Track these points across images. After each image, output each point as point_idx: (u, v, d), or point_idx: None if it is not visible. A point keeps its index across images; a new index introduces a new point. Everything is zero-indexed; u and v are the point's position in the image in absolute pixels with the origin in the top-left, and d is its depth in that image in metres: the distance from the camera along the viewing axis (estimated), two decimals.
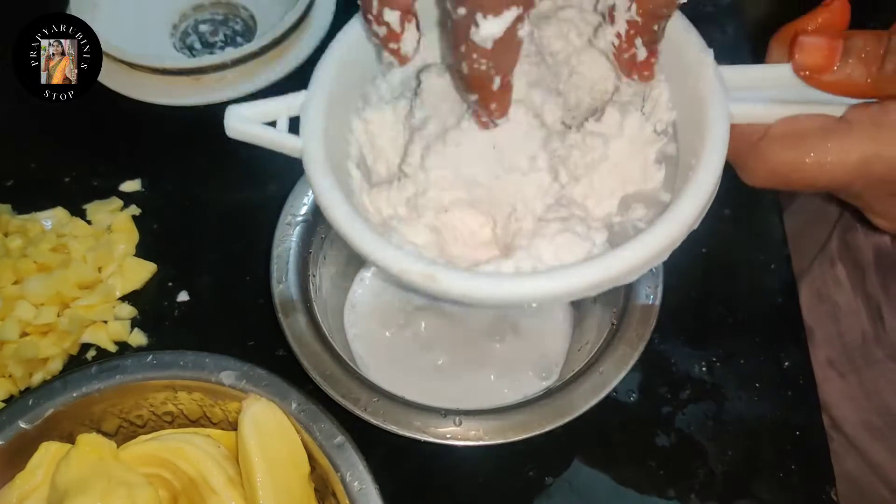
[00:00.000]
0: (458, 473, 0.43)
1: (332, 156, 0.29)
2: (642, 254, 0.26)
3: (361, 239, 0.26)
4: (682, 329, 0.47)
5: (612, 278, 0.26)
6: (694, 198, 0.27)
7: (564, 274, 0.25)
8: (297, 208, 0.43)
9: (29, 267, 0.46)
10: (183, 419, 0.38)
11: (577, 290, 0.25)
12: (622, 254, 0.26)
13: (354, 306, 0.48)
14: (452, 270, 0.26)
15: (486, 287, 0.25)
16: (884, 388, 0.49)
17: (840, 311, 0.52)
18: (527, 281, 0.26)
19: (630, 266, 0.26)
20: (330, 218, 0.27)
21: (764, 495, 0.43)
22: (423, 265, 0.26)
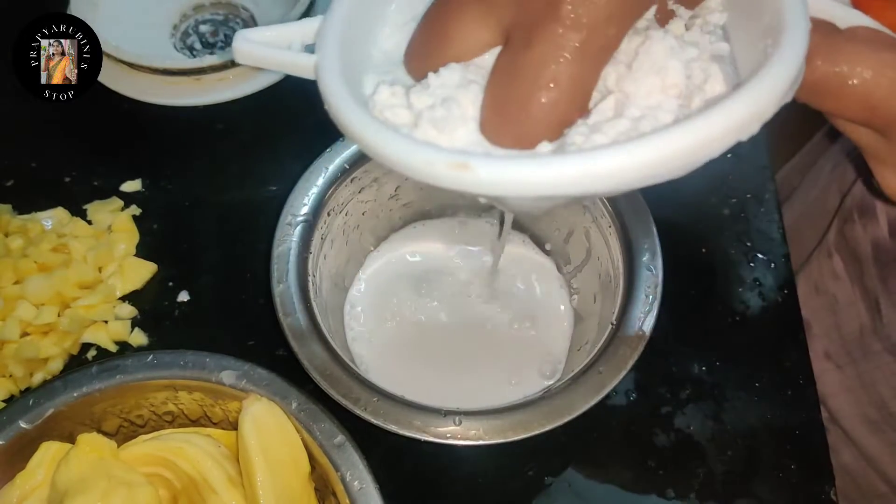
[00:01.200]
0: (458, 473, 0.43)
1: (350, 72, 0.26)
2: (730, 119, 0.21)
3: (377, 136, 0.23)
4: (682, 329, 0.47)
5: (690, 149, 0.21)
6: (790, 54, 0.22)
7: (628, 147, 0.20)
8: (297, 208, 0.43)
9: (29, 267, 0.46)
10: (183, 419, 0.38)
11: (645, 167, 0.20)
12: (706, 119, 0.21)
13: (354, 306, 0.48)
14: (488, 157, 0.22)
15: (534, 172, 0.20)
16: (880, 380, 0.49)
17: (838, 303, 0.52)
18: (582, 159, 0.20)
19: (714, 135, 0.21)
20: (342, 123, 0.24)
21: (764, 495, 0.43)
22: (451, 154, 0.21)
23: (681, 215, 0.51)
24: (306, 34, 0.27)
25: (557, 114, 0.22)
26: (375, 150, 0.23)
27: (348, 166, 0.45)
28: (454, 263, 0.50)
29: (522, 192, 0.21)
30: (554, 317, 0.48)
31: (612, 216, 0.44)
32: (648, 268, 0.42)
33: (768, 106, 0.21)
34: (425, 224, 0.52)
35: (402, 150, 0.22)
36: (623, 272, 0.43)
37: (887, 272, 0.48)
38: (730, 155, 0.54)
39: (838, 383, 0.51)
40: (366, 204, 0.48)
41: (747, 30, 0.25)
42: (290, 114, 0.55)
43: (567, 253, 0.50)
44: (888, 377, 0.48)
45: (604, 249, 0.45)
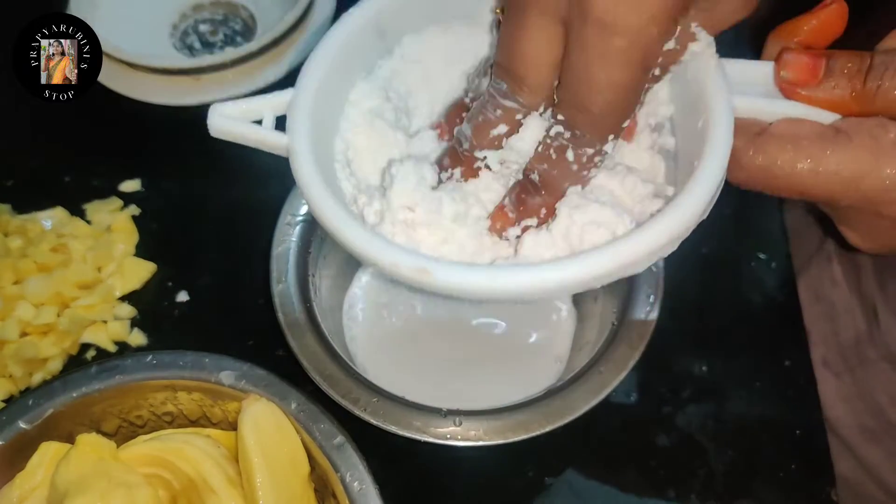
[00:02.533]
0: (458, 473, 0.43)
1: (320, 154, 0.28)
2: (648, 244, 0.25)
3: (350, 235, 0.26)
4: (682, 329, 0.47)
5: (616, 269, 0.25)
6: (704, 185, 0.26)
7: (564, 264, 0.24)
8: (297, 208, 0.43)
9: (29, 267, 0.46)
10: (183, 419, 0.38)
11: (578, 281, 0.24)
12: (627, 243, 0.24)
13: (354, 306, 0.48)
14: (446, 264, 0.25)
15: (483, 280, 0.24)
16: (877, 389, 0.49)
17: (835, 310, 0.52)
18: (524, 272, 0.25)
19: (636, 256, 0.24)
20: (317, 214, 0.27)
21: (764, 495, 0.43)
22: (414, 259, 0.25)
23: None
24: (277, 107, 0.29)
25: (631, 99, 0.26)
26: (348, 246, 0.26)
27: None
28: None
29: (474, 297, 0.25)
30: (555, 317, 0.48)
31: None
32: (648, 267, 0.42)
33: (684, 230, 0.25)
34: None
35: (372, 250, 0.25)
36: None
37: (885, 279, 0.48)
38: None
39: (836, 392, 0.51)
40: None
41: (687, 128, 0.28)
42: None
43: None
44: (885, 385, 0.48)
45: None
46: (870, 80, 0.26)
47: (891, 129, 0.26)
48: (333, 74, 0.29)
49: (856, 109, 0.27)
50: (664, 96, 0.29)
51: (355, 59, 0.31)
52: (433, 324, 0.48)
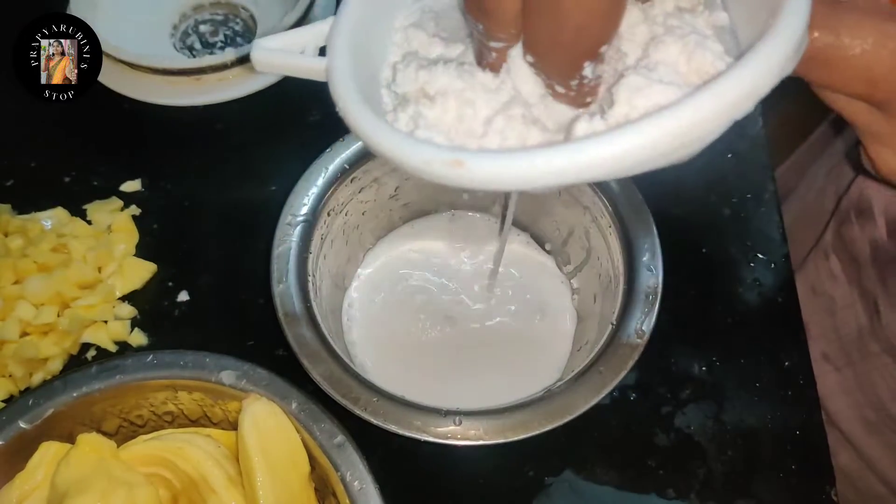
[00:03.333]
0: (458, 473, 0.43)
1: (361, 73, 0.26)
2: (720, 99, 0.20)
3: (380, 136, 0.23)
4: (682, 329, 0.47)
5: (682, 130, 0.20)
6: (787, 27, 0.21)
7: (619, 133, 0.20)
8: (297, 208, 0.43)
9: (29, 267, 0.46)
10: (183, 419, 0.38)
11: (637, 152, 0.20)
12: (693, 100, 0.20)
13: (353, 306, 0.48)
14: (482, 153, 0.22)
15: (522, 165, 0.21)
16: (878, 382, 0.49)
17: (835, 304, 0.52)
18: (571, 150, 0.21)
19: (704, 113, 0.20)
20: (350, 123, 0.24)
21: (764, 495, 0.43)
22: (447, 152, 0.22)
23: (681, 215, 0.51)
24: (319, 37, 0.27)
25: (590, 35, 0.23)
26: (378, 150, 0.24)
27: (348, 166, 0.45)
28: (454, 262, 0.50)
29: (515, 186, 0.22)
30: (555, 316, 0.48)
31: (612, 216, 0.44)
32: (648, 268, 0.42)
33: (764, 82, 0.21)
34: (425, 221, 0.52)
35: (402, 149, 0.23)
36: (623, 272, 0.43)
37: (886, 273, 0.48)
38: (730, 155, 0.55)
39: (836, 385, 0.51)
40: (366, 204, 0.48)
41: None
42: (290, 114, 0.55)
43: (567, 253, 0.50)
44: (886, 378, 0.48)
45: (604, 249, 0.45)
46: None
47: None
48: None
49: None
50: None
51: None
52: (433, 324, 0.48)
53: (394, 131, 0.24)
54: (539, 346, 0.47)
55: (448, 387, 0.45)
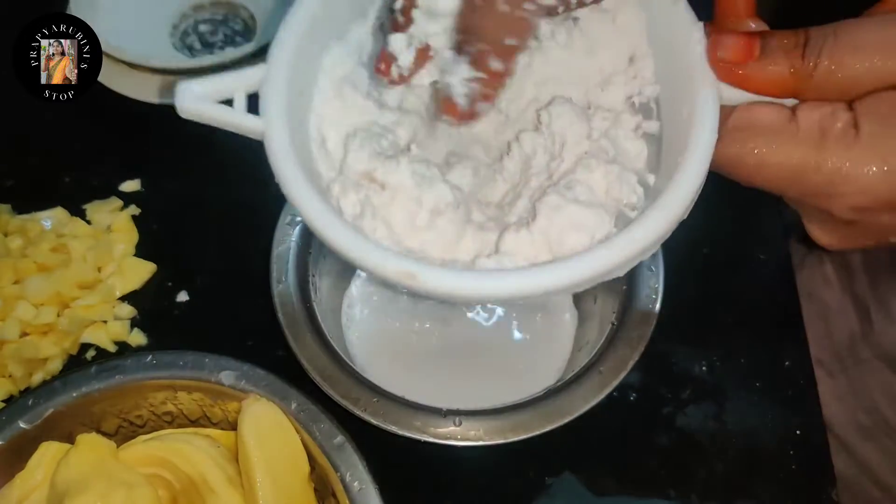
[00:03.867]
0: (458, 473, 0.43)
1: (297, 138, 0.27)
2: (633, 246, 0.25)
3: (334, 235, 0.25)
4: (682, 329, 0.47)
5: (597, 275, 0.25)
6: (686, 183, 0.25)
7: (549, 269, 0.25)
8: None
9: (29, 267, 0.46)
10: (183, 419, 0.38)
11: (560, 287, 0.25)
12: (609, 249, 0.25)
13: (353, 306, 0.48)
14: (432, 267, 0.25)
15: (469, 284, 0.24)
16: (872, 387, 0.49)
17: (829, 310, 0.52)
18: (508, 278, 0.25)
19: (621, 259, 0.24)
20: (299, 210, 0.26)
21: (764, 495, 0.43)
22: (399, 262, 0.24)
23: None
24: (250, 84, 0.27)
25: None
26: (332, 246, 0.25)
27: None
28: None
29: (458, 300, 0.25)
30: (556, 316, 0.48)
31: None
32: (648, 268, 0.42)
33: (664, 234, 0.25)
34: None
35: (357, 252, 0.25)
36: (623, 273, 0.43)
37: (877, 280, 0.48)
38: None
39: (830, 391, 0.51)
40: None
41: (672, 114, 0.28)
42: None
43: None
44: (880, 384, 0.48)
45: None
46: (807, 55, 0.25)
47: (840, 119, 0.25)
48: (306, 46, 0.28)
49: (798, 89, 0.26)
50: (650, 75, 0.29)
51: (328, 26, 0.29)
52: (433, 324, 0.47)
53: (348, 228, 0.25)
54: (539, 346, 0.47)
55: (448, 387, 0.45)
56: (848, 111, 0.25)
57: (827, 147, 0.25)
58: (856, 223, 0.26)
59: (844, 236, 0.28)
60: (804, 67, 0.25)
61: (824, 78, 0.25)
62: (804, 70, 0.25)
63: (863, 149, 0.24)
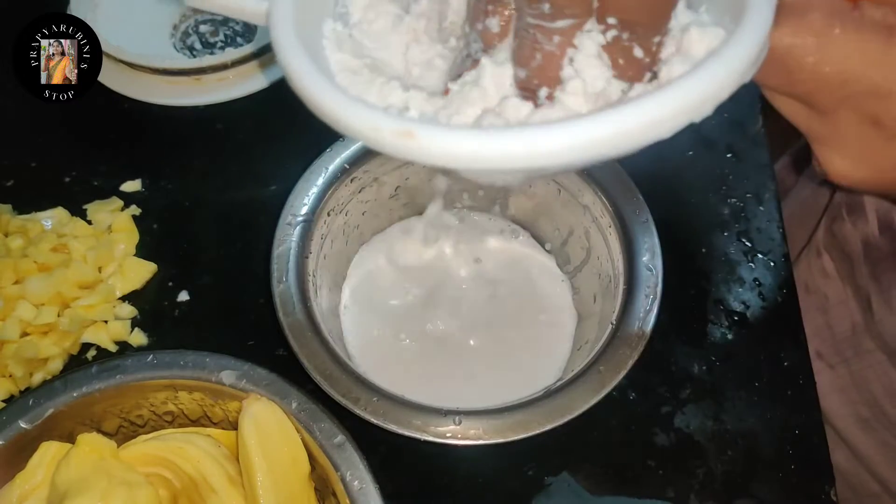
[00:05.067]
0: (458, 473, 0.43)
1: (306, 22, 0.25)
2: (684, 98, 0.20)
3: (325, 98, 0.22)
4: (681, 329, 0.47)
5: (645, 126, 0.20)
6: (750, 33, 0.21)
7: (578, 122, 0.20)
8: (297, 208, 0.43)
9: (29, 267, 0.46)
10: (183, 419, 0.38)
11: (592, 143, 0.20)
12: (654, 97, 0.20)
13: (354, 305, 0.48)
14: (433, 125, 0.21)
15: (476, 144, 0.20)
16: (872, 379, 0.49)
17: (828, 302, 0.52)
18: (524, 133, 0.20)
19: (667, 112, 0.20)
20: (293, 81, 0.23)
21: (764, 495, 0.43)
22: (397, 122, 0.21)
23: (681, 215, 0.51)
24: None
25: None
26: (324, 112, 0.22)
27: (348, 166, 0.45)
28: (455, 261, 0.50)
29: (466, 164, 0.21)
30: (556, 316, 0.48)
31: (612, 216, 0.44)
32: (648, 268, 0.42)
33: (723, 87, 0.21)
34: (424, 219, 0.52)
35: (350, 114, 0.22)
36: (623, 272, 0.43)
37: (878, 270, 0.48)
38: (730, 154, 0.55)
39: (830, 383, 0.51)
40: (366, 204, 0.48)
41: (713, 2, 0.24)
42: (290, 114, 0.55)
43: (567, 253, 0.50)
44: (880, 376, 0.48)
45: (604, 249, 0.45)
46: None
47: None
48: None
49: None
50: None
51: None
52: (433, 323, 0.48)
53: (341, 92, 0.22)
54: (539, 346, 0.47)
55: (448, 386, 0.45)
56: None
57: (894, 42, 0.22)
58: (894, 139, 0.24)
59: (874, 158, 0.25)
60: None
61: None
62: None
63: None
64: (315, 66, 0.23)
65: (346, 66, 0.26)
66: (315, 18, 0.26)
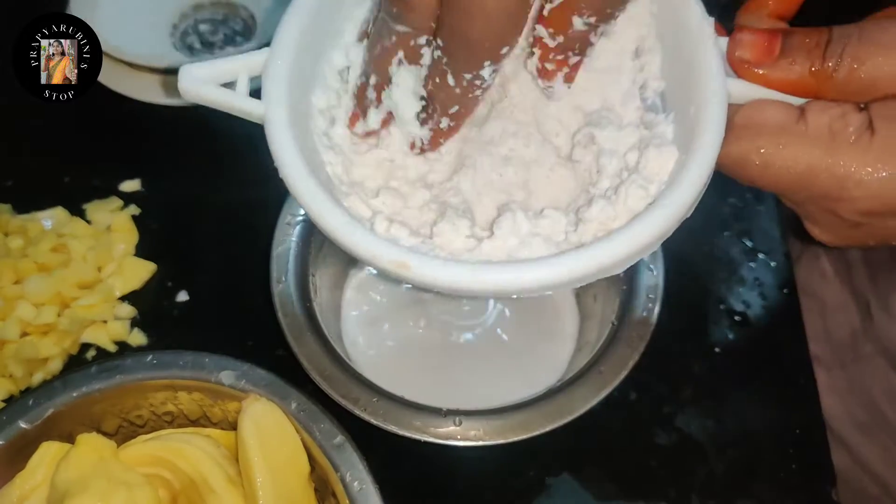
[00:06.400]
0: (458, 473, 0.43)
1: (299, 124, 0.27)
2: (633, 243, 0.24)
3: (331, 222, 0.25)
4: (682, 329, 0.47)
5: (599, 270, 0.24)
6: (690, 184, 0.25)
7: (546, 263, 0.24)
8: (297, 208, 0.43)
9: (29, 267, 0.46)
10: (183, 419, 0.38)
11: (560, 281, 0.24)
12: (612, 244, 0.24)
13: (353, 305, 0.48)
14: (426, 258, 0.24)
15: (464, 277, 0.24)
16: (871, 383, 0.49)
17: (826, 306, 0.52)
18: (505, 270, 0.24)
19: (619, 257, 0.24)
20: (296, 195, 0.26)
21: (764, 495, 0.43)
22: (395, 252, 0.24)
23: None
24: (253, 68, 0.27)
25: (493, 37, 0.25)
26: (328, 233, 0.25)
27: None
28: None
29: (453, 291, 0.24)
30: (557, 316, 0.48)
31: None
32: (648, 268, 0.42)
33: (667, 231, 0.25)
34: None
35: (352, 238, 0.25)
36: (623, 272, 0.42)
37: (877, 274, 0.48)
38: None
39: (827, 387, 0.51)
40: None
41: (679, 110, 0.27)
42: None
43: None
44: (879, 380, 0.48)
45: None
46: (828, 55, 0.24)
47: (851, 122, 0.24)
48: (310, 31, 0.28)
49: (817, 89, 0.25)
50: (656, 70, 0.28)
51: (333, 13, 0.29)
52: (433, 324, 0.47)
53: (346, 217, 0.25)
54: (540, 346, 0.47)
55: (448, 387, 0.45)
56: (860, 113, 0.25)
57: (839, 149, 0.24)
58: (861, 226, 0.26)
59: (847, 237, 0.28)
60: (825, 68, 0.25)
61: (845, 79, 0.25)
62: (824, 71, 0.25)
63: (878, 152, 0.24)
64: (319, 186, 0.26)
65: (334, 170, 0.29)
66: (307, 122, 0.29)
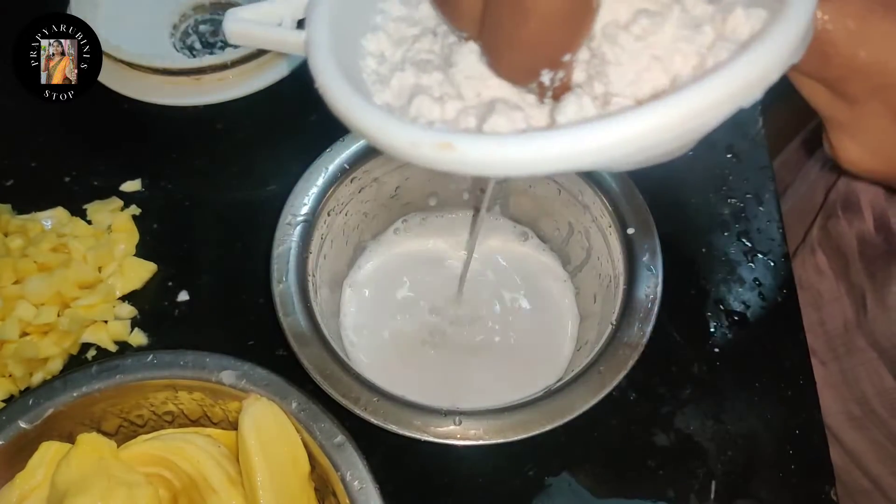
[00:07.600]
0: (458, 473, 0.43)
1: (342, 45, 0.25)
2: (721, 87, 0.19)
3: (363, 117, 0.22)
4: (682, 329, 0.47)
5: (684, 119, 0.19)
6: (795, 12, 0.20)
7: (615, 120, 0.19)
8: (297, 208, 0.43)
9: (29, 267, 0.46)
10: (183, 419, 0.38)
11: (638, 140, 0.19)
12: (701, 86, 0.19)
13: (354, 305, 0.48)
14: (472, 135, 0.21)
15: (518, 150, 0.20)
16: (863, 377, 0.49)
17: (822, 299, 0.52)
18: (563, 134, 0.20)
19: (704, 103, 0.19)
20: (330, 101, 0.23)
21: (764, 495, 0.43)
22: (436, 135, 0.21)
23: (681, 215, 0.51)
24: (297, 9, 0.26)
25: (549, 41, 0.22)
26: (360, 129, 0.22)
27: (348, 166, 0.45)
28: (456, 261, 0.50)
29: (508, 172, 0.20)
30: (556, 316, 0.48)
31: (612, 216, 0.44)
32: (648, 268, 0.42)
33: (772, 70, 0.20)
34: (425, 219, 0.52)
35: (389, 131, 0.22)
36: (623, 272, 0.43)
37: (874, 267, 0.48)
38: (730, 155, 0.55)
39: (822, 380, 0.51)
40: (366, 204, 0.48)
41: None
42: (290, 114, 0.55)
43: (567, 253, 0.50)
44: (871, 374, 0.48)
45: (604, 249, 0.45)
46: None
47: None
48: None
49: None
50: None
51: None
52: (433, 323, 0.48)
53: (378, 110, 0.22)
54: (539, 346, 0.47)
55: (448, 386, 0.45)
56: None
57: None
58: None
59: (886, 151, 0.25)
60: None
61: None
62: None
63: None
64: (351, 84, 0.23)
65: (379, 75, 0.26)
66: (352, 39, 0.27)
